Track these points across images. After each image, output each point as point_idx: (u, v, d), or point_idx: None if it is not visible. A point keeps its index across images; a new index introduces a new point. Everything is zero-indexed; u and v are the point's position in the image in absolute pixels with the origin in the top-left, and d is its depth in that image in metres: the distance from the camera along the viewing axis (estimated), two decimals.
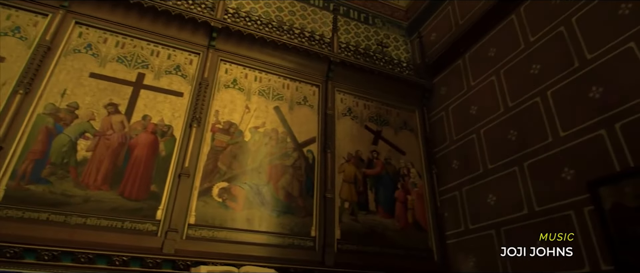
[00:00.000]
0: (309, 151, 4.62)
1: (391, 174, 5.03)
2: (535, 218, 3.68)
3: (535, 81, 3.98)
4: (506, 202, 4.04)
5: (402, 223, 4.74)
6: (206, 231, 3.73)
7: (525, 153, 3.92)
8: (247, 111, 4.53)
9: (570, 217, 3.35)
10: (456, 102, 5.19)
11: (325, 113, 4.92)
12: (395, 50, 6.50)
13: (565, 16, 3.81)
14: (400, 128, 5.48)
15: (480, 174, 4.47)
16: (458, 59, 5.32)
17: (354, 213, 4.51)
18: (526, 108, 4.03)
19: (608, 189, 3.07)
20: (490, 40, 4.81)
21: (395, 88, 5.65)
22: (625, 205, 2.94)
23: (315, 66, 5.14)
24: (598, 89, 3.34)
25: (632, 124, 3.03)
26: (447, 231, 4.80)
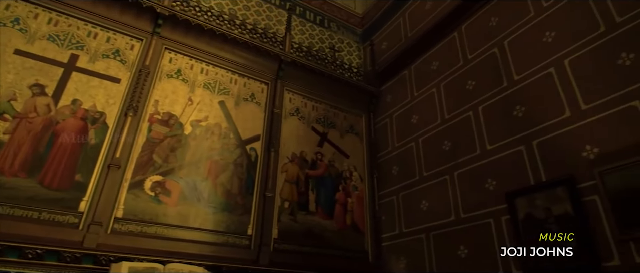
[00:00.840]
0: (252, 148, 4.57)
1: (334, 176, 5.11)
2: (461, 225, 3.92)
3: (470, 96, 4.25)
4: (437, 208, 4.26)
5: (341, 225, 4.84)
6: (134, 225, 3.56)
7: (456, 163, 4.17)
8: (190, 104, 4.39)
9: (490, 225, 3.61)
10: (400, 110, 5.39)
11: (273, 111, 4.90)
12: (348, 55, 6.62)
13: (499, 39, 4.10)
14: (346, 132, 5.59)
15: (416, 180, 4.68)
16: (404, 70, 5.53)
17: (293, 213, 4.53)
18: (460, 121, 4.28)
19: (523, 200, 3.35)
20: (434, 54, 5.05)
21: (344, 92, 5.76)
22: (535, 215, 3.22)
23: (265, 63, 5.10)
24: (521, 109, 3.63)
25: (547, 142, 3.33)
26: (383, 233, 4.97)
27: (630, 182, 2.64)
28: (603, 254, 2.72)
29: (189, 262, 3.44)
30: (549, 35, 3.57)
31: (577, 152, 3.04)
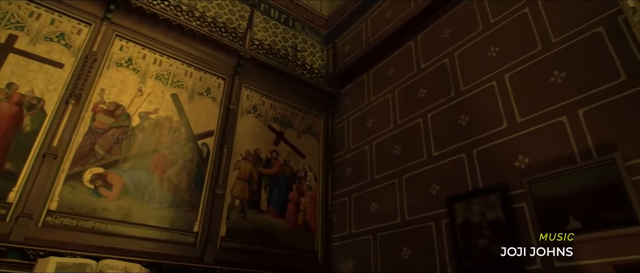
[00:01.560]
0: (204, 144, 4.48)
1: (288, 175, 5.12)
2: (405, 227, 4.04)
3: (421, 104, 4.40)
4: (385, 211, 4.37)
5: (292, 224, 4.85)
6: (69, 219, 3.39)
7: (405, 167, 4.30)
8: (140, 95, 4.23)
9: (431, 228, 3.75)
10: (357, 113, 5.48)
11: (228, 107, 4.82)
12: (311, 56, 6.65)
13: (449, 50, 4.27)
14: (303, 132, 5.61)
15: (368, 183, 4.78)
16: (364, 74, 5.64)
17: (243, 211, 4.49)
18: (410, 127, 4.42)
19: (461, 205, 3.51)
20: (391, 61, 5.18)
21: (304, 92, 5.77)
22: (472, 220, 3.38)
23: (224, 58, 5.02)
24: (465, 118, 3.81)
25: (485, 151, 3.51)
26: (334, 234, 5.04)
27: (552, 192, 2.84)
28: (528, 258, 2.90)
29: (126, 258, 3.31)
30: (494, 50, 3.76)
31: (511, 161, 3.23)
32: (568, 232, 2.70)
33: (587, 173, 2.69)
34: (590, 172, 2.68)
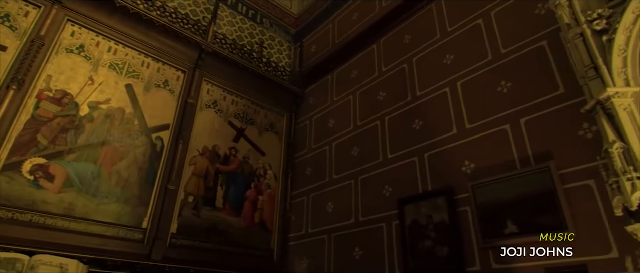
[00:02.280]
0: (159, 138, 4.35)
1: (246, 173, 5.05)
2: (359, 227, 4.09)
3: (379, 107, 4.47)
4: (340, 211, 4.41)
5: (248, 222, 4.79)
6: (4, 211, 3.19)
7: (361, 168, 4.35)
8: (90, 83, 4.05)
9: (383, 229, 3.82)
10: (320, 113, 5.50)
11: (186, 101, 4.70)
12: (278, 54, 6.60)
13: (409, 55, 4.37)
14: (265, 129, 5.56)
15: (326, 183, 4.80)
16: (328, 74, 5.66)
17: (197, 208, 4.39)
18: (369, 129, 4.48)
19: (411, 207, 3.59)
20: (355, 63, 5.23)
21: (268, 90, 5.72)
22: (420, 222, 3.47)
23: (184, 50, 4.88)
24: (419, 122, 3.90)
25: (436, 155, 3.61)
26: (290, 233, 5.02)
27: (493, 197, 2.96)
28: (468, 260, 3.01)
29: (64, 253, 3.16)
30: (449, 57, 3.88)
31: (458, 166, 3.34)
32: (505, 236, 2.82)
33: (525, 180, 2.83)
34: (527, 179, 2.82)
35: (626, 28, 2.09)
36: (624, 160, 1.85)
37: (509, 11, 3.50)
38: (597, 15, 2.21)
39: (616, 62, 2.06)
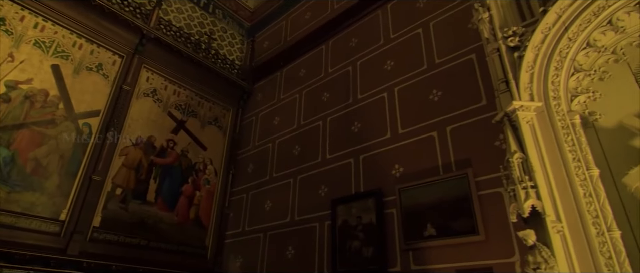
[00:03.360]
0: (86, 124, 4.07)
1: (184, 167, 4.87)
2: (293, 227, 4.08)
3: (323, 107, 4.48)
4: (278, 209, 4.37)
5: (182, 218, 4.62)
6: None
7: (301, 167, 4.34)
8: (10, 60, 3.71)
9: (316, 229, 3.83)
10: (266, 110, 5.43)
11: (121, 87, 4.45)
12: (229, 46, 6.44)
13: (354, 58, 4.43)
14: (209, 123, 5.40)
15: (266, 180, 4.75)
16: (277, 71, 5.60)
17: (125, 201, 4.16)
18: (311, 129, 4.49)
19: (343, 208, 3.63)
20: (304, 62, 5.22)
21: (215, 83, 5.56)
22: (350, 223, 3.51)
23: (123, 34, 4.62)
24: (358, 125, 3.96)
25: (370, 157, 3.68)
26: (227, 231, 4.91)
27: (416, 201, 3.06)
28: (390, 261, 3.09)
29: None
30: (389, 63, 3.97)
31: (389, 169, 3.42)
32: (425, 238, 2.92)
33: (445, 185, 2.95)
34: (447, 184, 2.94)
35: (535, 46, 2.23)
36: (521, 170, 1.97)
37: (446, 23, 3.65)
38: (512, 32, 2.34)
39: (524, 78, 2.20)
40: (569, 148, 1.98)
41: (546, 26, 2.23)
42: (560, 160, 1.96)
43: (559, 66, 2.18)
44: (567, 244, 1.79)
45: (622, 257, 1.73)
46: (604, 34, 2.17)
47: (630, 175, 1.88)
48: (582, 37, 2.18)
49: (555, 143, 2.01)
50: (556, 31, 2.21)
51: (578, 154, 1.96)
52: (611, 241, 1.76)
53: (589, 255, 1.75)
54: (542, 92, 2.15)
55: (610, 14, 2.14)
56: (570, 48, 2.19)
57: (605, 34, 2.17)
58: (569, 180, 1.90)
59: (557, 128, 2.03)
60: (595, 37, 2.18)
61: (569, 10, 2.19)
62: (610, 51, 2.27)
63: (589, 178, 1.89)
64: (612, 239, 1.76)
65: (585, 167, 1.92)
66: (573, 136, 2.01)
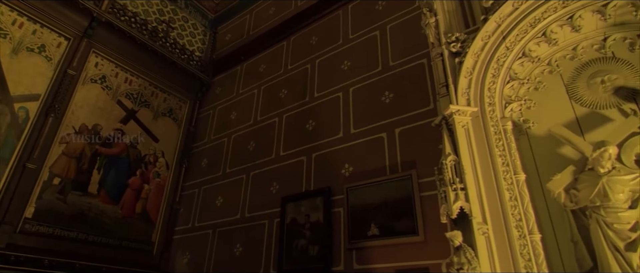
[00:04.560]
0: (23, 108, 3.80)
1: (133, 158, 4.66)
2: (243, 224, 4.00)
3: (280, 104, 4.43)
4: (229, 206, 4.27)
5: (127, 212, 4.41)
6: None
7: (255, 164, 4.27)
8: None
9: (265, 226, 3.77)
10: (224, 104, 5.30)
11: (66, 71, 4.19)
12: (190, 36, 6.23)
13: (313, 56, 4.41)
14: (163, 114, 5.20)
15: (219, 176, 4.63)
16: (238, 65, 5.49)
17: (63, 192, 3.91)
18: (267, 125, 4.42)
19: (292, 206, 3.60)
20: (264, 57, 5.14)
21: (172, 73, 5.37)
22: (298, 221, 3.48)
23: (71, 15, 4.35)
24: (312, 123, 3.94)
25: (322, 156, 3.66)
26: (176, 226, 4.74)
27: (363, 201, 3.08)
28: (334, 260, 3.08)
29: None
30: (346, 64, 3.98)
31: (339, 168, 3.43)
32: (368, 238, 2.94)
33: (391, 186, 2.98)
34: (393, 185, 2.97)
35: (474, 53, 2.29)
36: (454, 173, 2.01)
37: (402, 27, 3.70)
38: (455, 38, 2.40)
39: (462, 83, 2.25)
40: (499, 153, 2.04)
41: (486, 34, 2.29)
42: (490, 164, 2.01)
43: (496, 73, 2.25)
44: (491, 246, 1.84)
45: (541, 259, 1.80)
46: (538, 45, 2.27)
47: (554, 180, 1.96)
48: (519, 47, 2.26)
49: (487, 147, 2.06)
50: (495, 39, 2.28)
51: (507, 159, 2.02)
52: (531, 244, 1.83)
53: (510, 257, 1.80)
54: (478, 98, 2.21)
55: (545, 26, 2.23)
56: (507, 57, 2.26)
57: (540, 45, 2.27)
58: (497, 183, 1.96)
59: (489, 133, 2.09)
60: (531, 47, 2.27)
61: (507, 19, 2.27)
62: (546, 62, 2.37)
63: (515, 183, 1.96)
64: (532, 242, 1.83)
65: (513, 172, 1.99)
66: (504, 141, 2.08)
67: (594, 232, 1.77)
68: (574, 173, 1.94)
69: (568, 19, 2.18)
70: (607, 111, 2.12)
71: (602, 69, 2.22)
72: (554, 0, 2.18)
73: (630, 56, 2.17)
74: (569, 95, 2.26)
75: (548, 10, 2.20)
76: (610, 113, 2.10)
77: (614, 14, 2.14)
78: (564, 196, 1.93)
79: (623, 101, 2.10)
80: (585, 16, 2.16)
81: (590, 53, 2.28)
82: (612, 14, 2.11)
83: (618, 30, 2.21)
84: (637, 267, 1.64)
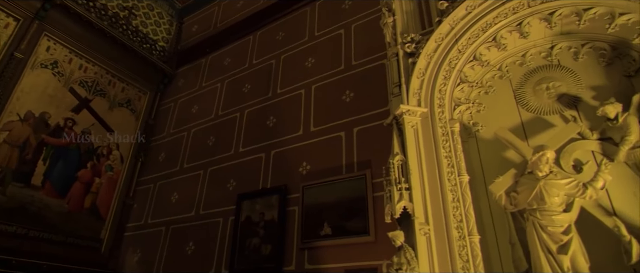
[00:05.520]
0: None
1: (83, 150, 4.42)
2: (197, 221, 3.87)
3: (243, 99, 4.33)
4: (184, 202, 4.12)
5: (75, 206, 4.17)
6: None
7: (213, 159, 4.15)
8: None
9: (219, 224, 3.66)
10: (186, 97, 5.13)
11: (13, 54, 3.91)
12: (154, 26, 6.00)
13: (278, 52, 4.34)
14: (120, 105, 4.96)
15: (176, 171, 4.47)
16: (203, 58, 5.33)
17: (2, 183, 3.65)
18: (228, 120, 4.31)
19: (248, 203, 3.51)
20: (230, 50, 5.02)
21: (133, 63, 5.14)
22: (253, 219, 3.40)
23: None
24: (273, 120, 3.86)
25: (281, 153, 3.60)
26: (129, 223, 4.54)
27: (317, 200, 3.04)
28: (286, 259, 3.02)
29: None
30: (311, 61, 3.94)
31: (297, 166, 3.37)
32: (321, 237, 2.90)
33: (346, 185, 2.95)
34: (348, 184, 2.95)
35: (428, 54, 2.30)
36: (400, 172, 2.00)
37: (366, 27, 3.69)
38: (410, 39, 2.40)
39: (414, 83, 2.25)
40: (445, 154, 2.05)
41: (440, 36, 2.31)
42: (436, 165, 2.01)
43: (448, 76, 2.27)
44: (431, 246, 1.84)
45: (478, 260, 1.81)
46: (488, 49, 2.30)
47: (496, 183, 1.99)
48: (470, 50, 2.28)
49: (434, 148, 2.07)
50: (448, 42, 2.30)
51: (453, 160, 2.03)
52: (470, 245, 1.83)
53: (448, 258, 1.80)
54: (429, 99, 2.21)
55: (495, 31, 2.26)
56: (459, 59, 2.28)
57: (490, 49, 2.30)
58: (441, 184, 1.97)
59: (437, 134, 2.10)
60: (482, 51, 2.30)
61: (461, 23, 2.29)
62: (497, 67, 2.42)
63: (459, 184, 1.97)
64: (471, 243, 1.84)
65: (458, 173, 2.00)
66: (451, 143, 2.09)
67: (530, 234, 1.81)
68: (515, 176, 1.98)
69: (517, 25, 2.22)
70: (550, 116, 2.17)
71: (548, 76, 2.28)
72: (505, 6, 2.22)
73: (575, 65, 2.24)
74: (516, 100, 2.32)
75: (499, 15, 2.24)
76: (552, 119, 2.16)
77: (561, 23, 2.21)
78: (504, 199, 1.97)
79: (565, 107, 2.17)
80: (534, 23, 2.21)
81: (538, 60, 2.35)
82: (558, 22, 2.17)
83: (564, 39, 2.28)
84: (567, 269, 1.68)
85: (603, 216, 1.82)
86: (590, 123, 2.05)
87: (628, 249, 1.65)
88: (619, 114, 1.91)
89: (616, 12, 1.98)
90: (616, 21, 1.98)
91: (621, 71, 2.09)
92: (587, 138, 2.03)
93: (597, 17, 2.04)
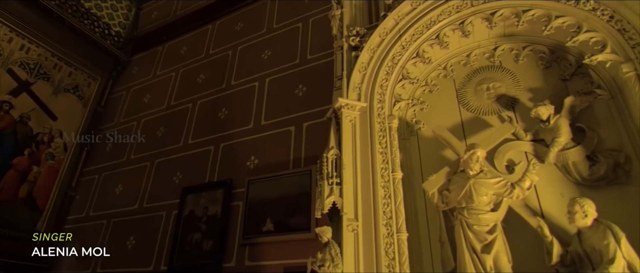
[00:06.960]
0: None
1: (21, 136, 4.12)
2: (140, 214, 3.68)
3: (196, 89, 4.17)
4: (128, 195, 3.92)
5: (8, 196, 3.88)
6: None
7: (161, 151, 3.97)
8: None
9: (162, 218, 3.49)
10: (139, 85, 4.90)
11: None
12: (111, 10, 5.69)
13: (236, 43, 4.21)
14: (65, 90, 4.67)
15: (123, 162, 4.25)
16: (159, 45, 5.11)
17: None
18: (180, 111, 4.14)
19: (192, 197, 3.36)
20: (188, 39, 4.84)
21: (82, 47, 4.85)
22: (196, 214, 3.26)
23: None
24: (225, 111, 3.73)
25: (230, 147, 3.48)
26: (69, 215, 4.27)
27: (263, 194, 2.94)
28: (227, 255, 2.91)
29: None
30: (267, 53, 3.83)
31: (245, 161, 3.26)
32: (262, 233, 2.80)
33: (291, 181, 2.87)
34: (293, 180, 2.87)
35: (371, 48, 2.25)
36: (333, 167, 1.94)
37: (323, 21, 3.60)
38: (356, 32, 2.34)
39: (356, 77, 2.20)
40: (381, 150, 2.00)
41: (384, 31, 2.27)
42: (370, 161, 1.96)
43: (390, 71, 2.23)
44: (358, 243, 1.78)
45: (404, 258, 1.77)
46: (431, 47, 2.28)
47: (429, 181, 1.96)
48: (414, 47, 2.25)
49: (370, 143, 2.01)
50: (392, 37, 2.26)
51: (388, 156, 1.99)
52: (397, 242, 1.79)
53: (374, 255, 1.75)
54: (369, 94, 2.16)
55: (439, 29, 2.24)
56: (402, 55, 2.25)
57: (433, 47, 2.28)
58: (374, 180, 1.92)
59: (374, 130, 2.05)
60: (425, 48, 2.27)
61: (405, 18, 2.26)
62: (442, 66, 2.40)
63: (391, 181, 1.92)
64: (398, 241, 1.79)
65: (391, 169, 1.95)
66: (388, 139, 2.04)
67: (457, 233, 1.78)
68: (448, 175, 1.96)
69: (460, 23, 2.21)
70: (488, 117, 2.17)
71: (489, 76, 2.29)
72: (449, 4, 2.20)
73: (515, 67, 2.26)
74: (458, 99, 2.31)
75: (443, 13, 2.22)
76: (490, 119, 2.16)
77: (503, 24, 2.21)
78: (437, 197, 1.94)
79: (503, 108, 2.17)
80: (476, 23, 2.20)
81: (482, 61, 2.35)
82: (499, 23, 2.17)
83: (507, 41, 2.29)
84: (490, 269, 1.67)
85: (529, 216, 1.83)
86: (526, 124, 2.06)
87: (549, 249, 1.65)
88: (551, 116, 1.93)
89: (552, 15, 1.99)
90: (552, 23, 1.99)
91: (558, 75, 2.12)
92: (521, 138, 2.03)
93: (535, 19, 2.06)
